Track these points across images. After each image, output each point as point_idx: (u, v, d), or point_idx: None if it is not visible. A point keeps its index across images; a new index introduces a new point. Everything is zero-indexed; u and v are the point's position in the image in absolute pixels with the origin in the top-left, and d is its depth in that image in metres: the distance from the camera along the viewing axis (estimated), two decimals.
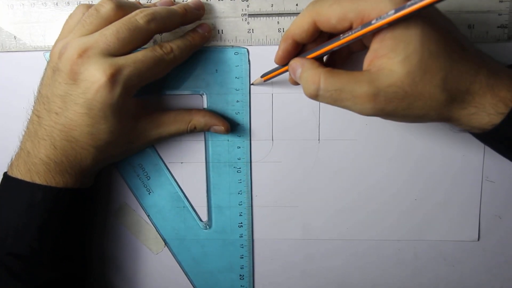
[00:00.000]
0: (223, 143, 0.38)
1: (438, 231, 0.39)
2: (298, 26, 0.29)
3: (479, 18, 0.35)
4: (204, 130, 0.37)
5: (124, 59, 0.31)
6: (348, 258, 0.40)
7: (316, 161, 0.38)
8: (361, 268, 0.40)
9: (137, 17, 0.31)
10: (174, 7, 0.34)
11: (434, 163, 0.38)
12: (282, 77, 0.37)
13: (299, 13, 0.36)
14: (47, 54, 0.38)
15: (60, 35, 0.34)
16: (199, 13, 0.36)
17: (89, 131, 0.32)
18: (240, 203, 0.39)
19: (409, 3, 0.25)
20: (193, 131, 0.36)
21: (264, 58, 0.37)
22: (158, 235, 0.40)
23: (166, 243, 0.40)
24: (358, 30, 0.27)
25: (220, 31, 0.37)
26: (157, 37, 0.36)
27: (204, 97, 0.38)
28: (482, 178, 0.38)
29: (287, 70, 0.32)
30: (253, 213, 0.40)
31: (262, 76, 0.36)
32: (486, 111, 0.27)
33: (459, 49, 0.27)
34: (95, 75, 0.30)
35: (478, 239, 0.39)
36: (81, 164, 0.33)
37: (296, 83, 0.31)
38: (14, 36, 0.38)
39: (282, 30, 0.36)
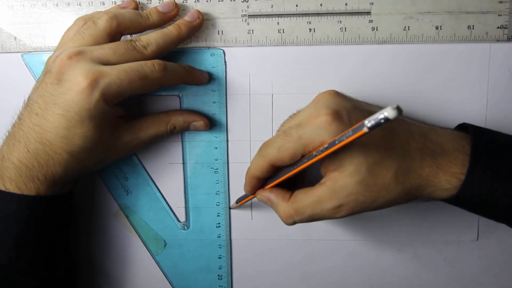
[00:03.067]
0: (200, 144, 0.38)
1: (438, 231, 0.39)
2: (257, 169, 0.32)
3: (479, 18, 0.35)
4: (184, 129, 0.37)
5: (110, 68, 0.31)
6: (347, 258, 0.40)
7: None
8: (361, 268, 0.40)
9: (135, 41, 0.33)
10: (168, 28, 0.35)
11: None
12: (281, 77, 0.37)
13: (299, 14, 0.36)
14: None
15: (58, 45, 0.35)
16: (195, 24, 0.36)
17: (64, 135, 0.31)
18: (218, 204, 0.39)
19: (338, 139, 0.27)
20: (173, 131, 0.36)
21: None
22: (158, 235, 0.40)
23: (145, 244, 0.40)
24: (304, 163, 0.30)
25: (220, 32, 0.37)
26: None
27: (181, 98, 0.38)
28: None
29: (255, 197, 0.35)
30: (252, 213, 0.40)
31: (236, 202, 0.38)
32: (442, 187, 0.30)
33: (400, 147, 0.30)
34: (78, 77, 0.30)
35: (477, 239, 0.39)
36: (53, 171, 0.32)
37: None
38: (14, 37, 0.38)
39: (282, 31, 0.36)
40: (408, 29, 0.36)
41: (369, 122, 0.24)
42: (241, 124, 0.38)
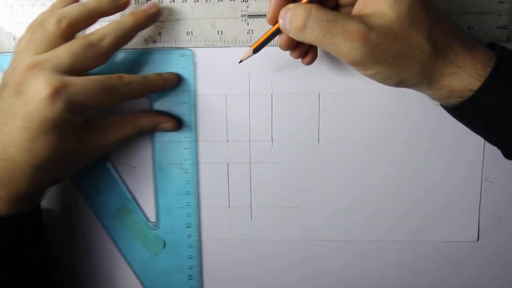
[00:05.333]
0: (170, 145, 0.38)
1: (438, 232, 0.39)
2: None
3: (478, 19, 0.35)
4: (152, 131, 0.37)
5: (74, 78, 0.30)
6: (348, 259, 0.40)
7: (315, 162, 0.38)
8: (361, 269, 0.40)
9: (90, 35, 0.32)
10: (124, 18, 0.33)
11: (434, 164, 0.38)
12: (281, 77, 0.37)
13: None
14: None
15: (13, 57, 0.33)
16: (152, 12, 0.34)
17: (27, 147, 0.29)
18: (188, 204, 0.39)
19: None
20: (140, 133, 0.36)
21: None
22: (158, 236, 0.40)
23: (116, 244, 0.40)
24: None
25: (220, 32, 0.37)
26: None
27: (151, 99, 0.38)
28: (482, 178, 0.38)
29: (276, 31, 0.31)
30: (252, 213, 0.40)
31: (251, 46, 0.33)
32: (467, 71, 0.28)
33: (440, 11, 0.28)
34: (38, 87, 0.29)
35: (478, 240, 0.39)
36: (17, 187, 0.31)
37: (287, 44, 0.31)
38: (14, 37, 0.38)
39: None
40: None
41: None
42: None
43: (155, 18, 0.35)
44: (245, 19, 0.36)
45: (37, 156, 0.30)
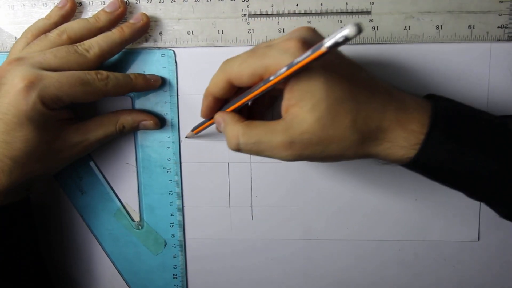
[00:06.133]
0: (153, 144, 0.39)
1: (438, 231, 0.39)
2: (215, 85, 0.30)
3: (479, 18, 0.35)
4: (134, 129, 0.37)
5: (50, 72, 0.31)
6: (348, 258, 0.40)
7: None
8: (361, 268, 0.40)
9: (78, 45, 0.33)
10: (112, 32, 0.34)
11: None
12: None
13: (299, 13, 0.36)
14: None
15: (7, 58, 0.34)
16: (139, 26, 0.35)
17: (4, 139, 0.30)
18: (171, 203, 0.40)
19: (296, 60, 0.26)
20: (122, 131, 0.36)
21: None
22: (158, 235, 0.40)
23: (100, 243, 0.41)
24: (260, 86, 0.28)
25: (221, 31, 0.37)
26: None
27: (133, 99, 0.38)
28: None
29: (213, 123, 0.33)
30: (253, 213, 0.40)
31: (192, 130, 0.37)
32: (399, 144, 0.28)
33: (365, 91, 0.28)
34: (15, 80, 0.30)
35: (478, 239, 0.39)
36: None
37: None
38: (15, 37, 0.38)
39: (282, 30, 0.36)
40: (409, 29, 0.36)
41: (328, 41, 0.23)
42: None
43: (144, 31, 0.36)
44: (246, 19, 0.36)
45: (14, 148, 0.31)
